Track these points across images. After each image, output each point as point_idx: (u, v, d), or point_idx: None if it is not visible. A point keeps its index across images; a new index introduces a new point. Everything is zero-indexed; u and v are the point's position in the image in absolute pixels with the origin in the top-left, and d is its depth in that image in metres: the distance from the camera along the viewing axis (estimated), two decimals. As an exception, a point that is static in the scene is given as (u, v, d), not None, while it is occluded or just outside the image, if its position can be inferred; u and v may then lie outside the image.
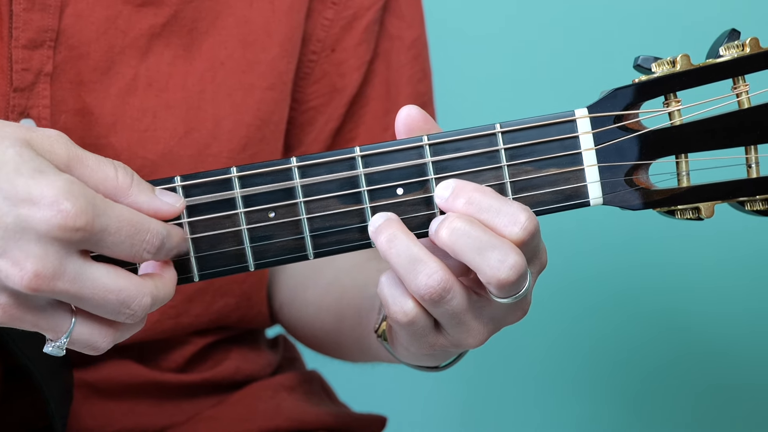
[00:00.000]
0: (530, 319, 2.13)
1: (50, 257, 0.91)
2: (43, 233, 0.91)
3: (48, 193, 0.91)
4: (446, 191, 1.01)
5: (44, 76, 1.23)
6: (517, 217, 0.99)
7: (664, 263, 2.14)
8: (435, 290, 0.98)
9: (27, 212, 0.91)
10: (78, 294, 0.94)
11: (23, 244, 0.91)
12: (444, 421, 2.21)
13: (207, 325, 1.34)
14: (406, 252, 0.99)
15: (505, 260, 0.98)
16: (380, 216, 1.01)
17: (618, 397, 2.18)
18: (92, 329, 0.97)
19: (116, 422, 1.31)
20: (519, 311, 1.04)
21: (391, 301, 1.01)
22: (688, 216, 1.05)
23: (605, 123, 1.03)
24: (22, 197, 0.91)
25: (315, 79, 1.38)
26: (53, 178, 0.92)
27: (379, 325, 1.15)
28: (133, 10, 1.27)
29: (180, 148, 1.28)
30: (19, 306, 0.94)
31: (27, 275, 0.91)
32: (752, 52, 1.04)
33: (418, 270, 0.98)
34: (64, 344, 0.96)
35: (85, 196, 0.92)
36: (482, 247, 0.98)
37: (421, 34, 1.44)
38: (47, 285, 0.92)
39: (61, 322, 0.96)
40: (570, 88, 2.06)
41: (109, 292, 0.94)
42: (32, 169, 0.92)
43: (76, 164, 0.95)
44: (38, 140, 0.94)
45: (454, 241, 0.98)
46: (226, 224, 1.01)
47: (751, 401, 2.16)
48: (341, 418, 1.40)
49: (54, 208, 0.91)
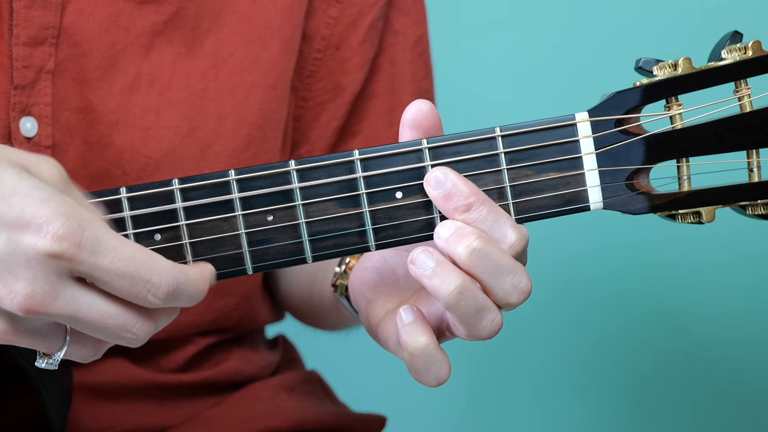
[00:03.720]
0: (531, 320, 2.15)
1: (39, 281, 0.91)
2: (31, 257, 0.90)
3: (40, 213, 0.90)
4: (442, 186, 1.00)
5: (46, 73, 1.22)
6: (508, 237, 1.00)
7: (664, 266, 2.13)
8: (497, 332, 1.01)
9: (17, 236, 0.90)
10: (73, 317, 0.93)
11: (13, 267, 0.91)
12: (444, 421, 2.21)
13: (207, 325, 1.34)
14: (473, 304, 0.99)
15: (518, 285, 0.99)
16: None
17: (618, 398, 2.18)
18: (85, 345, 0.97)
19: (117, 423, 1.32)
20: None
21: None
22: (689, 220, 1.04)
23: (606, 127, 1.03)
24: (14, 218, 0.90)
25: (320, 77, 1.38)
26: (48, 197, 0.91)
27: (336, 279, 1.15)
28: (135, 7, 1.26)
29: (183, 146, 1.28)
30: (15, 330, 0.94)
31: (17, 298, 0.91)
32: (754, 55, 1.03)
33: (483, 316, 1.00)
34: (57, 361, 0.96)
35: (77, 218, 0.91)
36: (499, 271, 0.98)
37: (424, 32, 1.44)
38: (39, 308, 0.91)
39: (55, 341, 0.96)
40: (570, 92, 2.06)
41: (107, 317, 0.94)
42: (29, 187, 0.91)
43: (69, 192, 0.94)
44: (36, 164, 0.94)
45: (473, 262, 0.98)
46: (225, 227, 1.01)
47: (751, 403, 2.16)
48: (341, 418, 1.40)
49: (42, 231, 0.90)
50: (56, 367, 0.96)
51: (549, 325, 2.16)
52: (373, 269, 1.09)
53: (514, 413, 2.20)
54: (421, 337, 1.00)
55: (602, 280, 2.14)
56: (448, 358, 1.01)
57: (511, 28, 2.11)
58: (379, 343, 1.09)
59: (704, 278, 2.13)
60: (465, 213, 0.99)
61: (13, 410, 1.24)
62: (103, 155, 1.26)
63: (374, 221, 1.02)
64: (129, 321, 0.94)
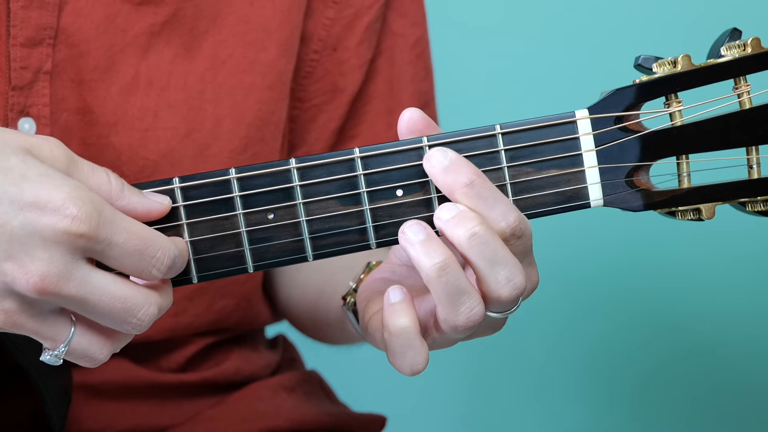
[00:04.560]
0: (531, 320, 2.15)
1: (56, 261, 0.91)
2: (49, 237, 0.91)
3: (55, 196, 0.91)
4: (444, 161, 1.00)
5: (43, 74, 1.22)
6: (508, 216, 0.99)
7: (664, 264, 2.13)
8: (474, 323, 0.99)
9: (33, 217, 0.91)
10: (84, 299, 0.93)
11: (29, 248, 0.91)
12: (444, 421, 2.21)
13: (207, 326, 1.34)
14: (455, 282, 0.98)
15: (512, 279, 0.98)
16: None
17: (618, 397, 2.18)
18: (91, 339, 0.97)
19: (117, 423, 1.32)
20: (492, 329, 1.04)
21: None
22: (689, 217, 1.04)
23: (606, 124, 1.03)
24: (29, 201, 0.91)
25: (317, 78, 1.38)
26: (60, 182, 0.92)
27: (347, 292, 1.15)
28: (132, 8, 1.26)
29: (181, 148, 1.28)
30: (23, 312, 0.94)
31: (33, 278, 0.91)
32: (754, 52, 1.03)
33: (461, 302, 0.98)
34: (62, 353, 0.96)
35: (93, 202, 0.92)
36: (496, 261, 0.97)
37: (424, 33, 1.44)
38: (53, 288, 0.92)
39: (61, 330, 0.95)
40: (570, 89, 2.06)
41: (116, 299, 0.94)
42: (38, 174, 0.92)
43: (75, 170, 0.95)
44: (38, 146, 0.94)
45: (471, 247, 0.97)
46: (225, 226, 1.01)
47: (751, 402, 2.16)
48: (341, 418, 1.40)
49: (60, 212, 0.91)
50: (60, 361, 0.96)
51: (549, 325, 2.16)
52: (381, 279, 1.10)
53: (514, 413, 2.20)
54: (403, 318, 0.99)
55: (602, 280, 2.14)
56: (427, 349, 1.00)
57: (511, 25, 2.12)
58: (369, 340, 1.09)
59: (704, 278, 2.13)
60: (466, 188, 0.98)
61: (13, 409, 1.23)
62: (101, 156, 1.26)
63: (375, 219, 1.02)
64: (136, 304, 0.95)
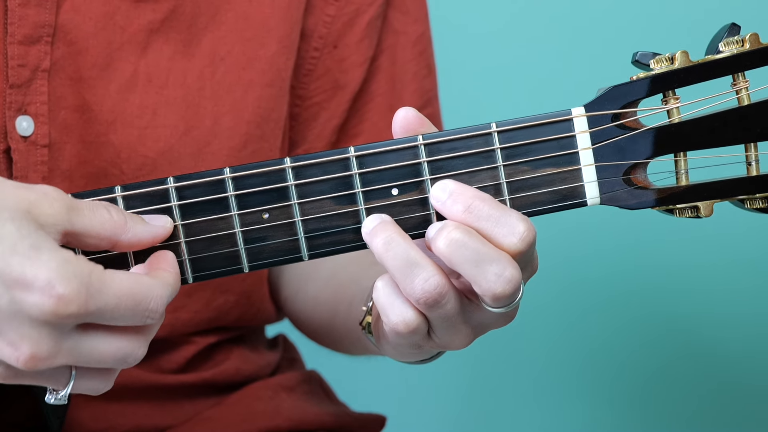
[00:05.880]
0: (530, 320, 2.14)
1: (44, 340, 0.92)
2: (36, 317, 0.91)
3: (41, 275, 0.90)
4: (443, 193, 1.00)
5: (41, 72, 1.22)
6: (516, 228, 0.98)
7: (663, 263, 2.13)
8: (431, 294, 0.98)
9: (20, 296, 0.91)
10: (76, 363, 0.95)
11: (17, 326, 0.91)
12: (444, 421, 2.21)
13: (206, 323, 1.34)
14: (402, 255, 0.98)
15: (502, 274, 0.97)
16: (375, 218, 1.00)
17: (618, 398, 2.17)
18: (92, 379, 0.98)
19: (117, 424, 1.32)
20: (507, 318, 1.04)
21: (389, 310, 1.00)
22: (687, 215, 1.04)
23: (602, 121, 1.02)
24: (16, 279, 0.91)
25: (317, 76, 1.38)
26: (48, 257, 0.91)
27: (363, 317, 1.15)
28: (131, 5, 1.26)
29: (180, 145, 1.28)
30: (17, 374, 0.95)
31: (22, 356, 0.92)
32: (752, 48, 1.03)
33: (414, 274, 0.98)
34: (65, 396, 0.97)
35: (79, 277, 0.91)
36: (480, 260, 0.97)
37: (425, 30, 1.43)
38: (44, 364, 0.93)
39: (60, 378, 0.97)
40: (567, 86, 2.05)
41: (107, 354, 0.95)
42: (29, 246, 0.91)
43: (76, 217, 0.95)
44: (38, 204, 0.93)
45: (451, 252, 0.97)
46: (220, 226, 1.01)
47: (751, 402, 2.16)
48: (341, 417, 1.40)
49: (46, 292, 0.90)
50: (65, 401, 0.97)
51: (549, 325, 2.16)
52: None
53: (514, 413, 2.19)
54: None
55: (602, 280, 2.13)
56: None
57: (508, 23, 2.11)
58: (385, 349, 1.09)
59: (704, 278, 2.13)
60: (465, 214, 0.99)
61: (12, 410, 1.23)
62: (100, 154, 1.25)
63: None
64: (128, 350, 0.96)
